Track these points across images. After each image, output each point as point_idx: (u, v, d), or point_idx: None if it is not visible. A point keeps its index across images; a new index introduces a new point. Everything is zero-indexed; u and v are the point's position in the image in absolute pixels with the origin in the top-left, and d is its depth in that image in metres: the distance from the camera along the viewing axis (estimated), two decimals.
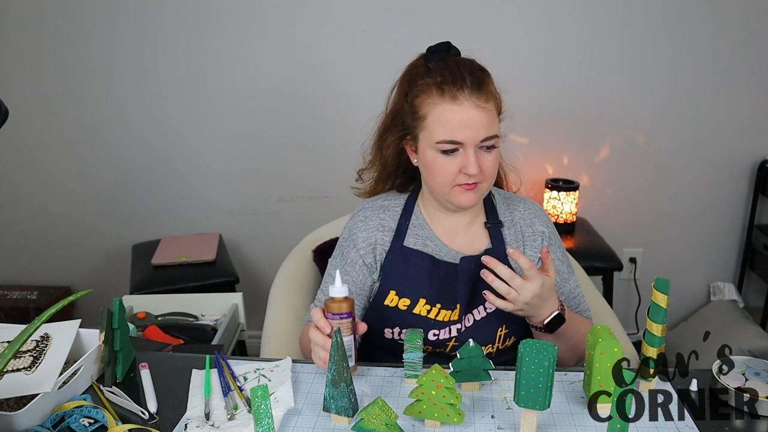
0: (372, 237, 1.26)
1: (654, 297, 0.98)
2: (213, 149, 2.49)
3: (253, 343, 2.21)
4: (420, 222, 1.27)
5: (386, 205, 1.29)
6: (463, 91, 1.11)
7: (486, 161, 1.14)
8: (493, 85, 1.17)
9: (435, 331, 1.21)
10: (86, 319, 1.19)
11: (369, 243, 1.25)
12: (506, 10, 2.28)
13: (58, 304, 0.84)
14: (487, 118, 1.12)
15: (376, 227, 1.26)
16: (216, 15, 2.32)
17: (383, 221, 1.27)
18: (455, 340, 1.22)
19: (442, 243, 1.25)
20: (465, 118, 1.11)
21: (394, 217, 1.27)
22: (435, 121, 1.13)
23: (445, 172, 1.14)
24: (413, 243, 1.25)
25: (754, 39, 2.28)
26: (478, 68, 1.16)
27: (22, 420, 0.90)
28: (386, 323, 1.23)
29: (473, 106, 1.11)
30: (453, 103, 1.11)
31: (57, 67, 2.41)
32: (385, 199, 1.30)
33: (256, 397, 0.88)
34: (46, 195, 2.58)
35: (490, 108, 1.13)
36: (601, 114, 2.40)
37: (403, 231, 1.25)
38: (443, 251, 1.24)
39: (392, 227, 1.26)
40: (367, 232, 1.26)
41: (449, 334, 1.22)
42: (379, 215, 1.27)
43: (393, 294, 1.22)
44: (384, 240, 1.26)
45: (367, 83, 2.35)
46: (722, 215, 2.51)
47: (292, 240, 1.73)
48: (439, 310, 1.21)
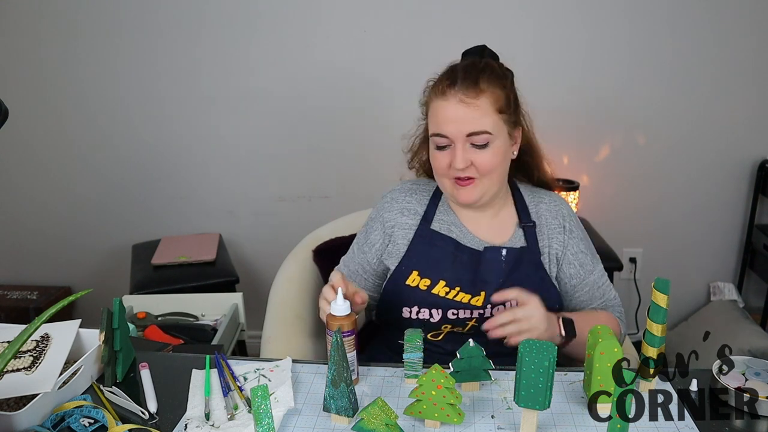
0: (393, 219, 1.30)
1: (654, 297, 0.98)
2: (213, 149, 2.49)
3: (253, 343, 2.21)
4: (446, 208, 1.31)
5: (415, 188, 1.34)
6: (453, 87, 1.16)
7: (478, 157, 1.17)
8: (494, 83, 1.17)
9: (454, 311, 1.23)
10: (86, 319, 1.19)
11: (390, 225, 1.30)
12: (507, 11, 2.28)
13: (58, 304, 0.85)
14: (474, 113, 1.14)
15: (399, 210, 1.31)
16: (216, 15, 2.32)
17: (409, 204, 1.31)
18: (475, 321, 1.23)
19: (466, 229, 1.28)
20: (450, 113, 1.16)
21: (422, 201, 1.31)
22: (430, 117, 1.21)
23: (439, 165, 1.20)
24: (438, 227, 1.28)
25: (754, 39, 2.28)
26: (479, 68, 1.19)
27: (22, 420, 0.90)
28: (406, 302, 1.26)
29: (458, 101, 1.15)
30: (442, 98, 1.17)
31: (57, 67, 2.41)
32: (414, 183, 1.36)
33: (256, 397, 0.88)
34: (46, 195, 2.58)
35: (479, 104, 1.15)
36: (601, 114, 2.40)
37: (430, 215, 1.29)
38: (467, 237, 1.27)
39: (418, 210, 1.30)
40: (391, 213, 1.31)
41: (470, 314, 1.23)
42: (405, 198, 1.32)
43: (415, 274, 1.25)
44: (404, 223, 1.29)
45: (367, 83, 2.35)
46: (722, 215, 2.51)
47: (292, 240, 1.73)
48: (458, 292, 1.23)
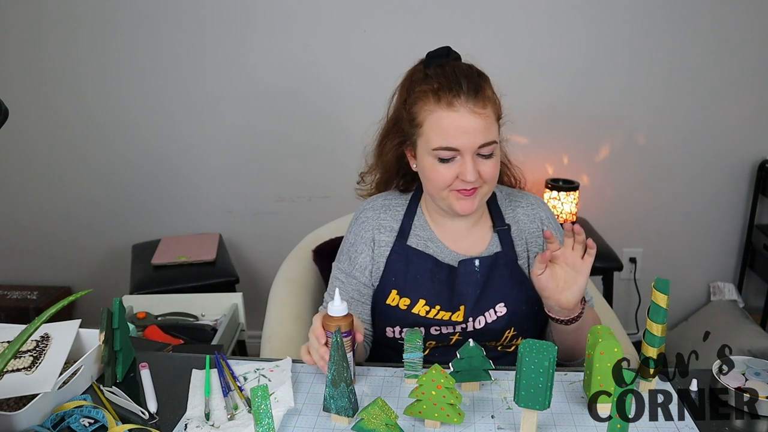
0: (373, 237, 1.26)
1: (654, 297, 0.98)
2: (213, 149, 2.49)
3: (253, 343, 2.21)
4: (422, 223, 1.26)
5: (387, 204, 1.29)
6: (459, 98, 1.09)
7: (485, 167, 1.13)
8: (492, 90, 1.14)
9: (436, 327, 1.21)
10: (86, 319, 1.19)
11: (372, 244, 1.26)
12: (507, 11, 2.28)
13: (58, 304, 0.84)
14: (484, 124, 1.10)
15: (376, 227, 1.26)
16: (217, 15, 2.32)
17: (384, 221, 1.26)
18: (459, 335, 1.22)
19: (443, 245, 1.24)
20: (461, 125, 1.09)
21: (397, 217, 1.27)
22: (431, 129, 1.12)
23: (443, 178, 1.13)
24: (415, 243, 1.25)
25: (754, 39, 2.28)
26: (475, 73, 1.14)
27: (22, 420, 0.90)
28: (387, 322, 1.23)
29: (469, 112, 1.09)
30: (449, 109, 1.09)
31: (57, 67, 2.40)
32: (386, 198, 1.30)
33: (256, 397, 0.88)
34: (47, 195, 2.58)
35: (488, 114, 1.11)
36: (601, 114, 2.40)
37: (406, 230, 1.25)
38: (444, 253, 1.24)
39: (393, 227, 1.26)
40: (370, 232, 1.26)
41: (453, 329, 1.22)
42: (380, 215, 1.27)
43: (394, 293, 1.22)
44: (381, 240, 1.25)
45: (367, 83, 2.35)
46: (722, 215, 2.51)
47: (292, 240, 1.73)
48: (438, 311, 1.21)
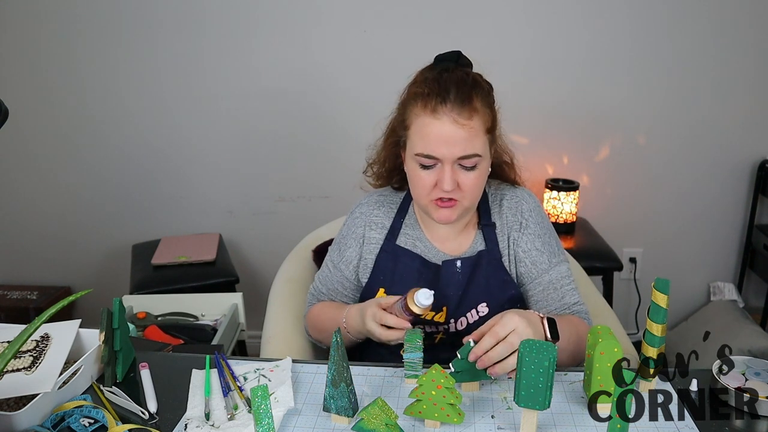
0: (364, 234, 1.28)
1: (654, 297, 0.98)
2: (213, 149, 2.49)
3: (253, 343, 2.21)
4: (412, 222, 1.27)
5: (382, 201, 1.29)
6: (445, 105, 1.07)
7: (465, 178, 1.11)
8: (484, 102, 1.11)
9: (420, 327, 1.21)
10: (86, 319, 1.19)
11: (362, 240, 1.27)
12: (508, 11, 2.28)
13: (58, 304, 0.84)
14: (467, 135, 1.07)
15: (368, 224, 1.27)
16: (216, 15, 2.32)
17: (376, 218, 1.27)
18: (443, 333, 1.22)
19: (431, 245, 1.24)
20: (442, 133, 1.07)
21: (389, 215, 1.27)
22: (415, 133, 1.11)
23: (422, 184, 1.12)
24: (404, 242, 1.25)
25: (754, 39, 2.28)
26: (470, 83, 1.10)
27: (22, 420, 0.90)
28: None
29: (452, 121, 1.07)
30: (432, 116, 1.08)
31: (57, 67, 2.40)
32: (381, 194, 1.31)
33: (256, 397, 0.88)
34: (47, 195, 2.58)
35: (473, 125, 1.08)
36: (601, 114, 2.40)
37: (396, 229, 1.26)
38: (431, 252, 1.24)
39: (385, 224, 1.27)
40: (362, 228, 1.28)
41: (436, 329, 1.22)
42: (374, 211, 1.28)
43: (382, 292, 1.23)
44: (372, 238, 1.26)
45: (367, 83, 2.35)
46: (722, 215, 2.51)
47: (292, 240, 1.73)
48: None
